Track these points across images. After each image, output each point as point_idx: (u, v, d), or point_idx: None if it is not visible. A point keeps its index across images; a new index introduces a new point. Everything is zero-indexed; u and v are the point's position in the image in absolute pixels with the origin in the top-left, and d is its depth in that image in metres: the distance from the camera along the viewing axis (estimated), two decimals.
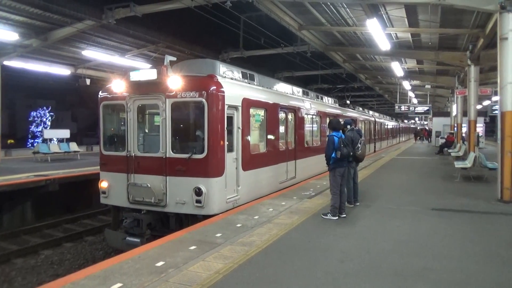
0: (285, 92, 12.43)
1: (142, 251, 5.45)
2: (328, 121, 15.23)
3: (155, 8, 12.99)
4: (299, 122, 12.51)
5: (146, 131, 8.86)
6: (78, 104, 55.56)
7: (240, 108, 8.51)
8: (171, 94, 7.75)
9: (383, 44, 13.62)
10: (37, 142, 33.72)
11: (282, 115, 11.22)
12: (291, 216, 7.55)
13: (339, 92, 30.65)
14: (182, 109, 8.14)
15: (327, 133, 8.30)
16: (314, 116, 14.33)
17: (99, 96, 8.92)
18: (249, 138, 8.98)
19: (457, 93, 21.51)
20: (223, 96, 7.84)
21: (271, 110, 10.37)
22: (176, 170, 7.69)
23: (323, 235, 6.37)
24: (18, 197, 11.69)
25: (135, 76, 8.14)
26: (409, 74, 25.13)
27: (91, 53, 16.89)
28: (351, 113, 20.68)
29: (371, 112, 30.17)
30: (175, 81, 7.65)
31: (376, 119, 28.53)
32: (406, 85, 26.75)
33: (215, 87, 7.72)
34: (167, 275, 4.59)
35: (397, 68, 20.00)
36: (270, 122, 10.25)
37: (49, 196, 12.37)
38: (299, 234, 6.38)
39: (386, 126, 34.33)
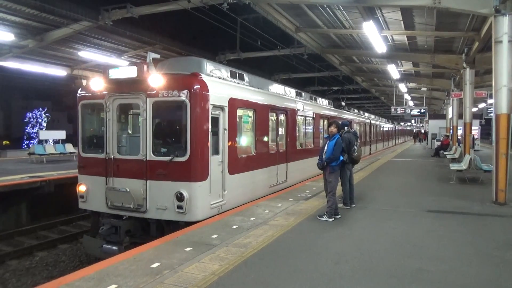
0: (277, 92, 12.10)
1: (137, 253, 5.43)
2: (321, 123, 15.15)
3: (152, 10, 12.98)
4: (291, 123, 12.15)
5: (130, 132, 8.44)
6: (74, 106, 55.33)
7: (226, 109, 8.14)
8: (152, 93, 7.35)
9: (379, 46, 13.68)
10: (33, 143, 33.58)
11: (272, 116, 10.88)
12: (287, 217, 7.55)
13: (335, 94, 30.74)
14: (164, 109, 7.69)
15: (325, 135, 8.33)
16: (307, 118, 14.04)
17: (77, 95, 8.53)
18: (236, 140, 8.67)
19: (453, 95, 21.64)
20: (207, 95, 7.47)
21: (261, 111, 9.99)
22: (157, 174, 7.30)
23: (319, 236, 6.37)
24: (12, 198, 11.62)
25: (114, 74, 7.66)
26: (405, 77, 25.26)
27: (88, 54, 16.85)
28: (346, 115, 20.44)
29: (367, 114, 30.21)
30: (156, 79, 7.25)
31: (372, 121, 28.52)
32: (402, 87, 26.88)
33: (198, 86, 7.32)
34: (163, 276, 4.58)
35: (393, 71, 20.09)
36: (259, 123, 9.86)
37: (44, 198, 12.31)
38: (295, 236, 6.38)
39: (382, 128, 34.33)
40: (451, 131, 25.72)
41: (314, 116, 14.57)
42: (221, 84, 8.41)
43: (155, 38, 16.58)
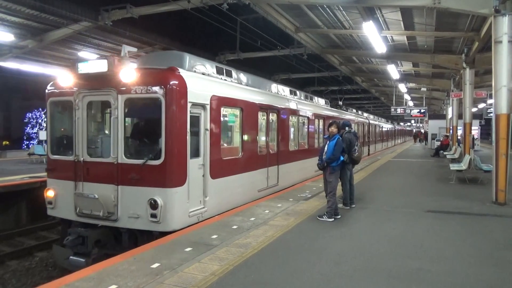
0: (268, 90, 11.47)
1: (137, 253, 5.43)
2: (316, 123, 14.78)
3: (151, 10, 12.99)
4: (283, 123, 11.54)
5: (106, 132, 7.68)
6: None
7: (208, 107, 7.51)
8: (124, 89, 6.73)
9: (379, 47, 13.69)
10: (33, 144, 33.54)
11: (262, 115, 10.29)
12: (287, 218, 7.55)
13: (334, 94, 30.61)
14: (137, 107, 7.17)
15: (325, 135, 8.25)
16: (301, 118, 13.45)
17: (46, 91, 7.87)
18: (220, 141, 8.10)
19: (453, 96, 21.65)
20: (185, 92, 6.83)
21: (249, 109, 9.34)
22: (129, 179, 6.66)
23: (319, 237, 6.37)
24: (12, 199, 11.62)
25: (83, 68, 6.99)
26: (405, 77, 25.27)
27: (88, 55, 16.85)
28: (344, 114, 20.02)
29: (365, 114, 30.12)
30: (128, 74, 6.61)
31: (371, 121, 28.33)
32: (402, 87, 26.90)
33: (175, 82, 6.69)
34: (162, 276, 4.58)
35: (393, 71, 20.11)
36: (247, 123, 9.25)
37: (43, 198, 12.29)
38: (294, 236, 6.38)
39: (381, 129, 34.14)
40: (451, 131, 25.74)
41: (309, 116, 14.02)
42: (202, 80, 7.80)
43: (155, 39, 16.60)
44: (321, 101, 17.35)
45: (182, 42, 17.97)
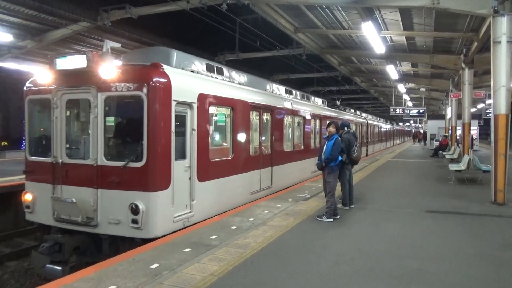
0: (262, 89, 11.00)
1: (136, 253, 5.42)
2: (313, 123, 14.50)
3: (150, 10, 13.00)
4: (278, 123, 11.18)
5: (90, 132, 7.05)
6: None
7: (195, 106, 7.15)
8: (104, 86, 6.37)
9: (378, 47, 13.70)
10: None
11: (255, 115, 9.89)
12: (286, 218, 7.55)
13: (331, 94, 30.57)
14: (118, 105, 6.78)
15: (324, 135, 8.20)
16: (297, 118, 13.10)
17: (24, 88, 7.49)
18: (208, 142, 7.70)
19: (452, 96, 21.68)
20: (170, 89, 6.48)
21: (240, 108, 8.97)
22: (110, 182, 6.29)
23: (318, 237, 6.37)
24: (11, 199, 11.59)
25: (62, 64, 6.63)
26: (404, 77, 25.31)
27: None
28: (342, 114, 19.79)
29: (364, 114, 30.03)
30: (108, 70, 6.26)
31: (369, 121, 28.12)
32: (401, 88, 26.93)
33: (158, 79, 6.33)
34: (162, 277, 4.57)
35: (392, 71, 20.13)
36: (238, 123, 8.86)
37: None
38: (294, 236, 6.38)
39: (379, 129, 33.99)
40: (449, 131, 25.76)
41: (305, 116, 13.68)
42: (188, 78, 7.45)
43: (154, 39, 16.59)
44: (318, 101, 17.08)
45: (181, 43, 17.94)
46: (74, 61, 6.55)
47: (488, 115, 23.98)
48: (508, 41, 8.65)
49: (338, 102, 22.75)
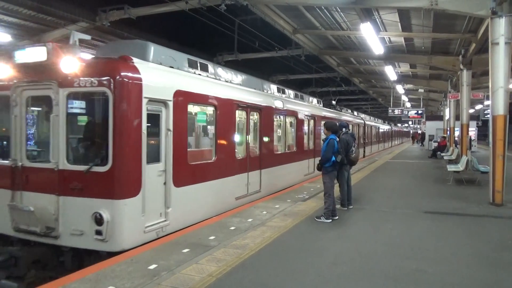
0: (250, 87, 10.24)
1: (134, 254, 5.41)
2: (306, 123, 13.97)
3: (149, 11, 12.99)
4: (268, 124, 10.56)
5: (51, 132, 6.36)
6: None
7: (171, 104, 6.52)
8: (67, 81, 5.77)
9: (377, 48, 13.72)
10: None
11: (241, 114, 9.33)
12: (285, 219, 7.55)
13: (327, 95, 30.40)
14: (81, 103, 6.28)
15: (324, 136, 8.07)
16: (289, 118, 12.52)
17: None
18: (186, 143, 7.15)
19: (450, 97, 21.70)
20: (140, 85, 5.89)
21: (224, 107, 8.33)
22: (72, 188, 5.70)
23: (317, 238, 6.37)
24: None
25: (21, 57, 6.03)
26: (403, 78, 25.35)
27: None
28: (338, 115, 19.34)
29: (362, 115, 29.87)
30: (70, 64, 5.63)
31: (366, 122, 27.80)
32: (400, 89, 26.98)
33: (126, 73, 5.73)
34: (160, 278, 4.57)
35: (390, 72, 20.16)
36: (222, 122, 8.26)
37: None
38: (292, 237, 6.38)
39: (377, 130, 33.66)
40: (448, 132, 25.80)
41: (298, 116, 13.01)
42: (163, 73, 6.79)
43: (152, 39, 16.55)
44: (313, 101, 16.57)
45: (180, 43, 17.89)
46: (34, 54, 5.95)
47: (486, 116, 24.03)
48: (506, 43, 8.67)
49: (334, 102, 22.16)
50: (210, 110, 8.18)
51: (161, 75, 6.67)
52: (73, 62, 5.68)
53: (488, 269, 5.06)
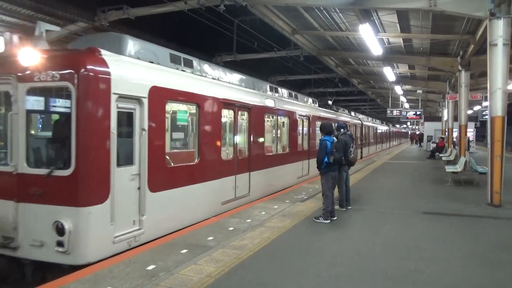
0: (239, 85, 9.74)
1: (133, 255, 5.41)
2: (300, 123, 13.46)
3: (148, 11, 13.00)
4: (257, 124, 10.03)
5: (9, 132, 5.70)
6: None
7: (146, 101, 5.96)
8: (27, 76, 5.27)
9: (375, 49, 13.75)
10: None
11: (227, 113, 8.80)
12: (284, 219, 7.55)
13: (323, 95, 30.33)
14: (42, 99, 5.80)
15: (320, 137, 7.99)
16: (281, 117, 12.01)
17: None
18: (164, 144, 6.62)
19: (448, 98, 21.76)
20: (108, 80, 5.34)
21: (209, 106, 7.79)
22: (31, 194, 5.18)
23: (315, 238, 6.37)
24: None
25: None
26: (401, 79, 25.42)
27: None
28: (334, 115, 18.86)
29: (359, 115, 29.66)
30: (30, 56, 5.16)
31: (364, 123, 27.28)
32: (398, 90, 27.04)
33: (92, 67, 5.19)
34: (158, 278, 4.56)
35: (389, 73, 20.20)
36: (205, 122, 7.70)
37: None
38: (291, 238, 6.38)
39: (375, 130, 33.23)
40: (446, 133, 25.86)
41: (290, 116, 12.45)
42: (137, 67, 6.17)
43: (151, 40, 16.53)
44: (309, 101, 16.05)
45: (179, 43, 17.92)
46: None
47: (484, 117, 24.11)
48: (504, 44, 8.69)
49: (330, 102, 21.64)
50: (192, 108, 7.64)
51: (134, 69, 6.07)
52: (33, 54, 5.20)
53: (486, 269, 5.07)
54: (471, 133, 27.89)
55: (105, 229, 5.30)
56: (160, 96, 6.36)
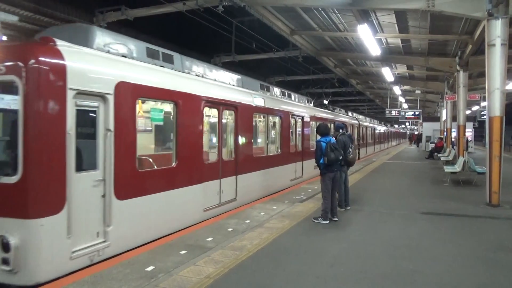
0: (225, 82, 9.15)
1: (132, 256, 5.39)
2: (292, 124, 12.99)
3: (146, 12, 12.99)
4: (245, 124, 9.48)
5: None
6: None
7: (111, 98, 5.38)
8: None
9: (374, 49, 13.77)
10: None
11: (210, 112, 8.25)
12: (283, 220, 7.55)
13: (328, 96, 30.27)
14: None
15: (316, 138, 7.93)
16: (272, 117, 11.50)
17: None
18: (134, 146, 5.90)
19: (447, 98, 21.81)
20: (64, 74, 4.76)
21: (188, 104, 7.16)
22: None
23: (314, 239, 6.37)
24: None
25: None
26: (400, 80, 25.45)
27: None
28: (329, 115, 18.53)
29: (357, 116, 29.58)
30: None
31: (361, 123, 27.08)
32: (397, 90, 27.07)
33: (44, 59, 4.60)
34: (157, 280, 4.55)
35: (387, 74, 20.24)
36: (184, 122, 7.07)
37: None
38: (290, 238, 6.37)
39: (373, 131, 33.17)
40: (445, 133, 25.90)
41: (282, 116, 11.91)
42: (101, 60, 5.54)
43: (150, 41, 16.53)
44: (303, 100, 15.64)
45: (178, 44, 17.92)
46: None
47: (483, 117, 24.18)
48: (502, 44, 8.71)
49: (325, 102, 21.22)
50: (169, 107, 7.05)
51: (98, 62, 5.45)
52: None
53: (484, 269, 5.07)
54: (469, 133, 27.98)
55: (61, 244, 4.69)
56: (129, 93, 5.77)
